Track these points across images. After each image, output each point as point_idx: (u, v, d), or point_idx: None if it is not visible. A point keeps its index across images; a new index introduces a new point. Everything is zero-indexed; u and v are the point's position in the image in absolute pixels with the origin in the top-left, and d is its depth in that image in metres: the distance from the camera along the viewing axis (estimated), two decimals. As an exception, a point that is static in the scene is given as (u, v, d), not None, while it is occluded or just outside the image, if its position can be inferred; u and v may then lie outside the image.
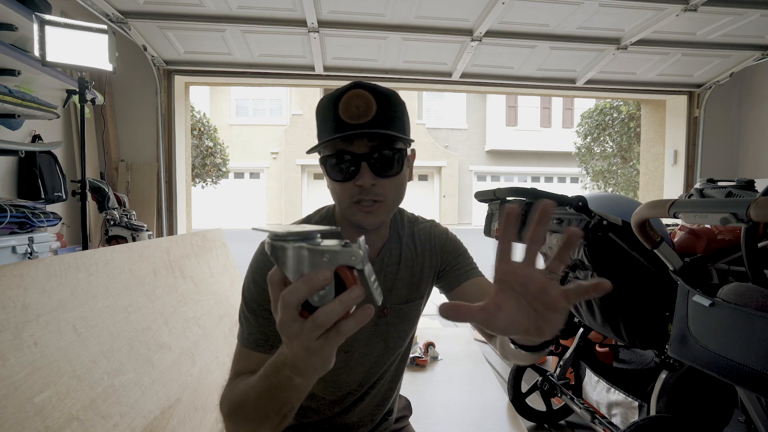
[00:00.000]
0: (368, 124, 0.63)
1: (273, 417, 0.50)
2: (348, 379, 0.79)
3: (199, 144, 8.57)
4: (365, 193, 0.66)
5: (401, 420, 0.98)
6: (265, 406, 0.50)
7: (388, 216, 0.72)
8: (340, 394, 0.80)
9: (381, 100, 0.64)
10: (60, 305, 1.04)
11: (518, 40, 2.70)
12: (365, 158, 0.65)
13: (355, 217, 0.69)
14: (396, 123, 0.66)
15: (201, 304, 1.75)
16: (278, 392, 0.47)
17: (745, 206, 0.75)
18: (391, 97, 0.67)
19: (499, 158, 16.88)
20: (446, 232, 0.87)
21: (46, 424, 0.87)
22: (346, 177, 0.66)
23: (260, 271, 0.68)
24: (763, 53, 2.89)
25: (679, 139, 3.60)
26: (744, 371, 0.78)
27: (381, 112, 0.64)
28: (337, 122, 0.64)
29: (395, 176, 0.68)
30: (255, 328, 0.66)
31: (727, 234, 1.37)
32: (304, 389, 0.46)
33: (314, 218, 0.80)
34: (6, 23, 1.80)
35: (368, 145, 0.65)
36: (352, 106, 0.63)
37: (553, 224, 1.53)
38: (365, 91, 0.64)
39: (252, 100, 15.87)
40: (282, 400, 0.47)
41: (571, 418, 1.92)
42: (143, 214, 2.93)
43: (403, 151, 0.68)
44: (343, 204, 0.69)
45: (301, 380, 0.44)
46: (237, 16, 2.46)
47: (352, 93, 0.64)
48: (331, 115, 0.65)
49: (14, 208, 1.77)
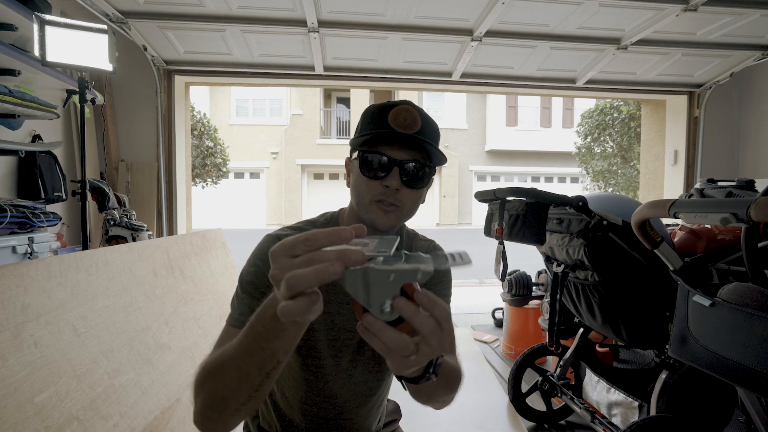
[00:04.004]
0: (413, 135, 0.69)
1: (254, 376, 0.48)
2: (335, 386, 0.78)
3: (199, 144, 8.57)
4: (388, 194, 0.70)
5: (390, 424, 0.97)
6: (248, 362, 0.47)
7: (399, 223, 0.75)
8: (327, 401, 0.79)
9: (426, 121, 0.72)
10: (60, 305, 1.04)
11: (518, 40, 2.70)
12: (400, 164, 0.70)
13: (371, 214, 0.72)
14: (435, 144, 0.72)
15: (201, 304, 1.74)
16: (264, 342, 0.45)
17: (745, 206, 0.75)
18: (433, 124, 0.74)
19: (499, 158, 16.88)
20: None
21: (46, 424, 0.87)
22: (377, 175, 0.70)
23: (262, 257, 0.70)
24: (763, 53, 2.89)
25: (679, 139, 3.60)
26: (744, 371, 0.78)
27: (425, 130, 0.71)
28: (384, 126, 0.70)
29: (418, 189, 0.73)
30: (247, 307, 0.67)
31: (727, 234, 1.37)
32: (292, 336, 0.44)
33: (319, 221, 0.80)
34: (6, 23, 1.80)
35: (406, 154, 0.70)
36: (401, 117, 0.70)
37: (553, 224, 1.53)
38: (414, 109, 0.71)
39: (252, 100, 15.87)
40: (268, 351, 0.46)
41: (571, 418, 1.92)
42: (143, 214, 2.93)
43: (432, 171, 0.74)
44: (363, 199, 0.72)
45: (291, 325, 0.42)
46: (237, 16, 2.46)
47: (402, 107, 0.71)
48: (379, 118, 0.71)
49: (14, 208, 1.77)
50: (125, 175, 2.95)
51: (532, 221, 1.39)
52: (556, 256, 1.59)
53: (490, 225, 1.59)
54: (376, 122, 0.71)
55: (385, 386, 0.88)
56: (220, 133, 9.52)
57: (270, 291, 0.65)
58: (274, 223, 15.38)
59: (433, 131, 0.73)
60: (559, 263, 1.58)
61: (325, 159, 15.32)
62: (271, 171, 15.74)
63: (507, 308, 2.76)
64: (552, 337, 1.70)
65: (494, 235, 1.50)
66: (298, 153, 15.35)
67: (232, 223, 15.00)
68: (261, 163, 15.68)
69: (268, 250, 0.67)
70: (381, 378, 0.84)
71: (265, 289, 0.68)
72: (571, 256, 1.47)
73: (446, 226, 15.86)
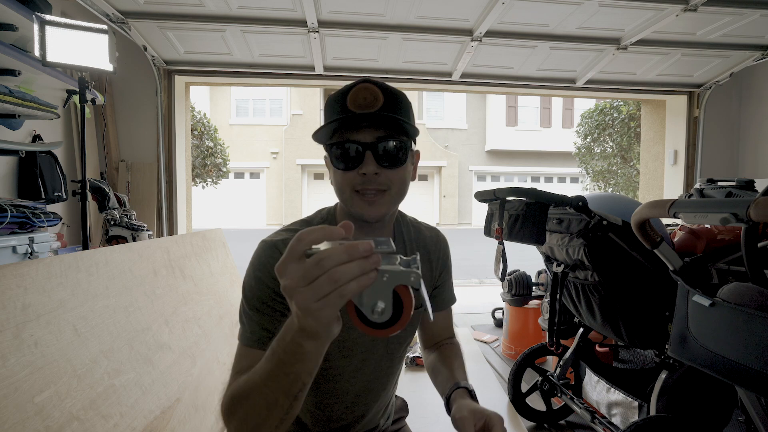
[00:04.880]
0: (374, 113, 0.64)
1: (282, 401, 0.48)
2: (346, 386, 0.78)
3: (199, 144, 8.57)
4: (368, 182, 0.66)
5: (398, 421, 0.98)
6: (273, 389, 0.47)
7: (390, 209, 0.71)
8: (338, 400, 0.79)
9: (388, 95, 0.66)
10: (60, 305, 1.04)
11: (518, 40, 2.70)
12: (370, 147, 0.65)
13: (355, 207, 0.68)
14: (401, 116, 0.67)
15: (201, 304, 1.75)
16: (287, 367, 0.45)
17: (745, 206, 0.75)
18: (398, 94, 0.68)
19: (499, 158, 16.88)
20: (448, 246, 0.87)
21: (47, 424, 0.87)
22: (350, 165, 0.66)
23: (262, 269, 0.67)
24: (763, 53, 2.89)
25: (679, 139, 3.60)
26: (744, 371, 0.78)
27: (387, 105, 0.65)
28: (344, 112, 0.65)
29: (399, 167, 0.68)
30: (257, 325, 0.65)
31: (727, 234, 1.37)
32: (314, 358, 0.44)
33: (315, 219, 0.78)
34: (6, 23, 1.80)
35: (374, 134, 0.65)
36: (360, 97, 0.65)
37: (553, 224, 1.53)
38: (373, 85, 0.66)
39: (252, 100, 15.87)
40: (292, 376, 0.46)
41: (571, 418, 1.92)
42: (143, 214, 2.93)
43: (408, 144, 0.69)
44: (344, 194, 0.69)
45: (311, 345, 0.42)
46: (237, 16, 2.46)
47: (360, 86, 0.66)
48: (338, 106, 0.66)
49: (14, 208, 1.77)
50: (125, 175, 2.95)
51: (532, 221, 1.39)
52: (556, 256, 1.59)
53: (490, 225, 1.59)
54: (337, 109, 0.66)
55: (395, 381, 0.88)
56: (220, 133, 9.51)
57: (276, 304, 0.66)
58: (274, 223, 15.39)
59: (398, 103, 0.67)
60: (559, 263, 1.58)
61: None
62: (271, 171, 15.74)
63: (507, 308, 2.76)
64: (552, 337, 1.70)
65: (494, 235, 1.50)
66: (298, 153, 15.35)
67: (232, 223, 15.01)
68: (261, 163, 15.68)
69: (265, 259, 0.68)
70: (392, 373, 0.84)
71: (271, 302, 0.66)
72: (571, 256, 1.47)
73: (446, 225, 15.86)
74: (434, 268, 0.83)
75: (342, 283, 0.36)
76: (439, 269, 0.84)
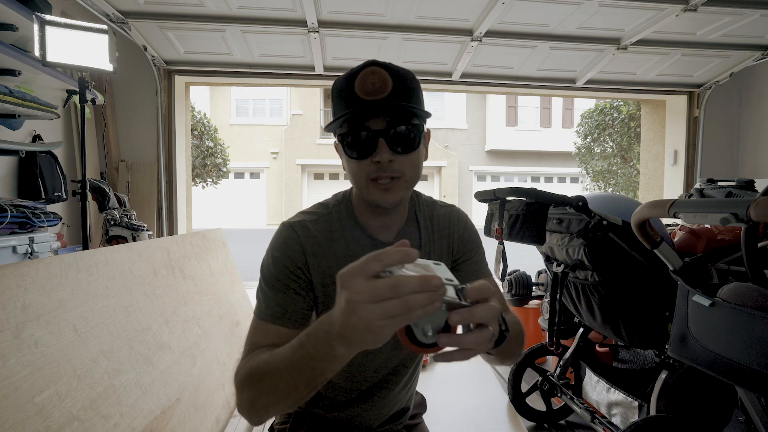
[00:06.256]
0: (384, 99, 0.63)
1: (302, 389, 0.49)
2: (366, 363, 0.78)
3: (199, 144, 8.57)
4: (383, 169, 0.66)
5: (416, 417, 0.97)
6: (296, 377, 0.48)
7: (406, 194, 0.71)
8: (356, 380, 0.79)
9: (396, 78, 0.65)
10: (60, 305, 1.04)
11: (518, 40, 2.70)
12: (382, 134, 0.65)
13: (372, 195, 0.68)
14: (412, 99, 0.66)
15: (201, 304, 1.75)
16: (314, 362, 0.46)
17: (745, 206, 0.75)
18: (407, 75, 0.67)
19: (499, 158, 16.88)
20: (467, 220, 0.85)
21: (47, 424, 0.87)
22: (363, 154, 0.66)
23: (279, 249, 0.70)
24: (763, 53, 2.89)
25: (679, 139, 3.60)
26: (744, 371, 0.78)
27: (397, 89, 0.64)
28: (353, 99, 0.64)
29: (413, 152, 0.68)
30: (273, 301, 0.67)
31: (727, 234, 1.37)
32: (343, 361, 0.45)
33: (331, 203, 0.78)
34: (6, 23, 1.80)
35: (385, 121, 0.65)
36: (368, 83, 0.63)
37: (553, 224, 1.53)
38: (381, 69, 0.64)
39: (252, 100, 15.88)
40: (317, 371, 0.46)
41: (571, 418, 1.92)
42: (143, 214, 2.93)
43: (420, 127, 0.68)
44: (360, 182, 0.69)
45: (345, 350, 0.43)
46: (237, 16, 2.46)
47: (367, 70, 0.64)
48: (346, 92, 0.65)
49: (15, 208, 1.77)
50: (125, 175, 2.95)
51: (532, 221, 1.39)
52: (556, 256, 1.59)
53: (490, 225, 1.59)
54: (345, 96, 0.65)
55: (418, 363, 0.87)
56: (220, 133, 9.52)
57: (290, 282, 0.68)
58: (274, 223, 15.38)
59: (408, 86, 0.66)
60: (559, 263, 1.58)
61: (325, 159, 15.31)
62: (271, 171, 15.75)
63: (507, 308, 2.76)
64: (552, 337, 1.70)
65: (494, 235, 1.50)
66: (298, 153, 15.35)
67: (232, 223, 15.01)
68: (261, 163, 15.68)
69: (282, 240, 0.71)
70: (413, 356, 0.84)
71: (286, 280, 0.68)
72: (571, 256, 1.47)
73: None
74: (450, 244, 0.82)
75: (412, 309, 0.37)
76: (456, 245, 0.82)
